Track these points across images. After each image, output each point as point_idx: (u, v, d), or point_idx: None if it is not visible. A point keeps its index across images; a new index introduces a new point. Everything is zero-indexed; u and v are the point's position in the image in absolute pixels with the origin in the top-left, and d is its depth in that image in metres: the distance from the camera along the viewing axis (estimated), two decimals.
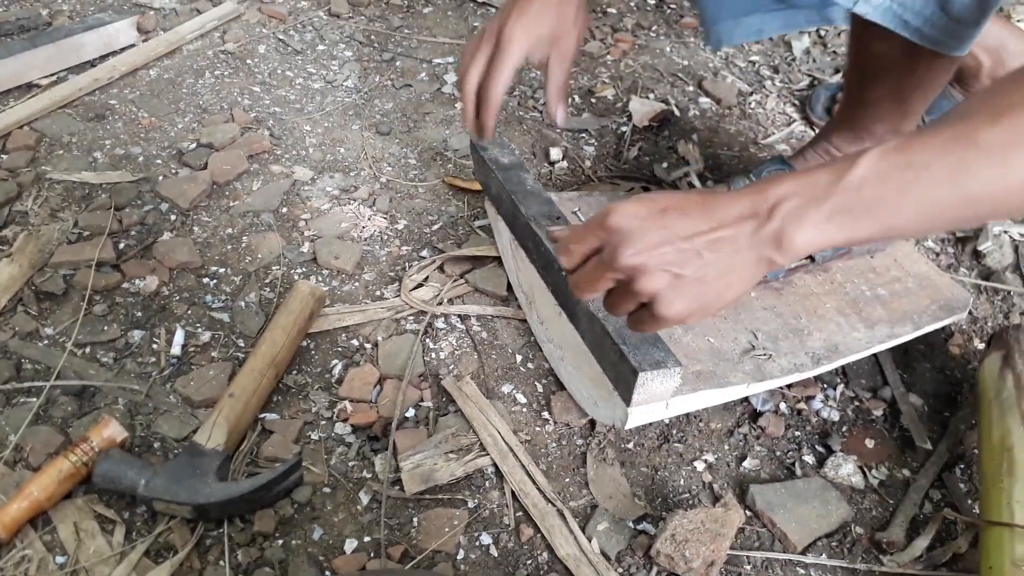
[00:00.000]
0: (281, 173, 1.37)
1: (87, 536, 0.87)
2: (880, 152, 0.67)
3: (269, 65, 1.63)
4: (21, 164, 1.32)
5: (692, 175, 1.44)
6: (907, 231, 0.73)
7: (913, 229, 0.71)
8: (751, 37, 1.25)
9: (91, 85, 1.49)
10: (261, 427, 1.00)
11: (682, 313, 0.72)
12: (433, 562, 0.89)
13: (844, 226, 0.68)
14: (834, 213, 0.67)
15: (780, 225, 0.68)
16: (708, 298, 0.72)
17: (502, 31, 0.97)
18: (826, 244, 0.69)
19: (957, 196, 0.66)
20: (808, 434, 1.06)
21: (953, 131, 0.66)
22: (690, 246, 0.70)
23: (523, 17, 0.97)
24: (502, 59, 0.97)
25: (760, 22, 1.22)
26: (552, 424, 1.04)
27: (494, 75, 0.98)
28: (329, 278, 1.20)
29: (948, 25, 0.91)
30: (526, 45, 0.98)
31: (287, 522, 0.91)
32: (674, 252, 0.70)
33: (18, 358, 1.04)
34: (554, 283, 1.04)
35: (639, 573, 0.89)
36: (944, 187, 0.66)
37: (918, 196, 0.66)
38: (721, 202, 0.71)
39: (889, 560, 0.93)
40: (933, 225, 0.72)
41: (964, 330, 1.22)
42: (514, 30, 0.96)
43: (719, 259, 0.70)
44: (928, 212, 0.67)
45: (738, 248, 0.70)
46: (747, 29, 1.23)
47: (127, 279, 1.16)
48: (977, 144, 0.65)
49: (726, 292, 0.72)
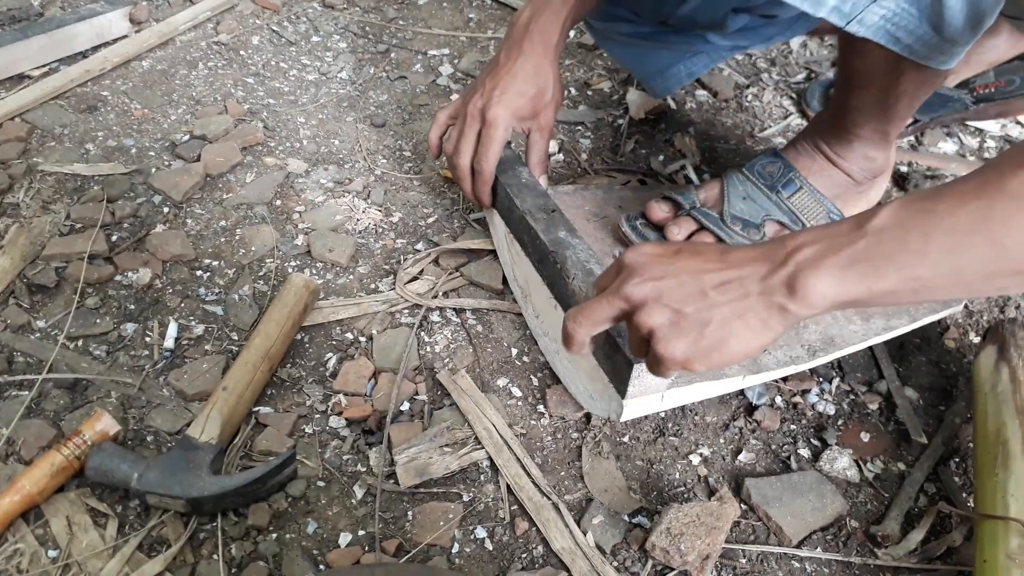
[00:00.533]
0: (275, 165, 1.37)
1: (80, 530, 0.87)
2: (903, 201, 0.65)
3: (263, 56, 1.62)
4: (12, 156, 1.31)
5: (688, 168, 1.44)
6: (935, 282, 0.66)
7: (942, 280, 0.65)
8: (685, 81, 1.34)
9: (83, 76, 1.48)
10: (255, 420, 0.99)
11: (682, 355, 0.70)
12: (428, 556, 0.89)
13: (864, 275, 0.64)
14: (853, 260, 0.64)
15: (794, 270, 0.66)
16: (711, 342, 0.69)
17: (486, 111, 1.07)
18: (845, 295, 0.65)
19: (986, 243, 0.62)
20: (803, 428, 1.06)
21: (980, 180, 0.63)
22: (695, 283, 0.69)
23: (505, 96, 1.07)
24: (490, 138, 1.08)
25: (685, 68, 1.32)
26: (547, 418, 1.04)
27: (485, 155, 1.10)
28: (323, 271, 1.20)
29: (939, 43, 0.91)
30: (510, 123, 1.08)
31: (281, 516, 0.91)
32: (677, 287, 0.69)
33: (10, 351, 1.04)
34: (549, 276, 1.03)
35: (634, 567, 0.89)
36: (971, 235, 0.62)
37: (943, 243, 0.63)
38: (737, 249, 0.71)
39: (884, 553, 0.93)
40: (962, 276, 0.65)
41: (960, 324, 1.22)
42: (498, 110, 1.07)
43: (726, 301, 0.68)
44: (955, 261, 0.63)
45: (747, 292, 0.68)
46: (677, 77, 1.32)
47: (120, 272, 1.15)
48: (1005, 192, 0.61)
49: (732, 341, 0.69)
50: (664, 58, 1.31)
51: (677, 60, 1.31)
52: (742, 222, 1.09)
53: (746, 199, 1.10)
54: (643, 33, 1.26)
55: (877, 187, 1.20)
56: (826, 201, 1.12)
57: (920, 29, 0.90)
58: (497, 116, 1.07)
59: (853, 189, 1.16)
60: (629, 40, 1.29)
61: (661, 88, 1.35)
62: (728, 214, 1.09)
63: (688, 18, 1.19)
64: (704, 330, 0.69)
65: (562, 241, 1.03)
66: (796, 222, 1.11)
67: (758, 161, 1.18)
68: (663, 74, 1.34)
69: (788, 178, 1.12)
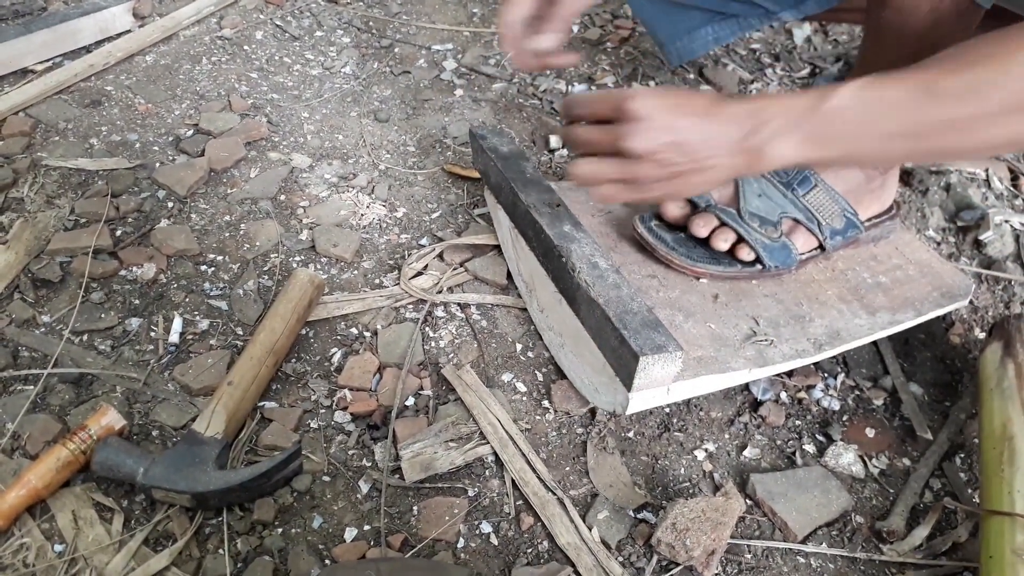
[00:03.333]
0: (279, 160, 1.36)
1: (86, 524, 0.87)
2: (856, 86, 0.78)
3: (266, 51, 1.62)
4: (16, 150, 1.31)
5: None
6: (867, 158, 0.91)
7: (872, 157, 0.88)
8: (708, 48, 1.32)
9: (87, 71, 1.48)
10: (260, 415, 0.99)
11: (657, 196, 0.85)
12: (433, 550, 0.89)
13: (817, 147, 0.79)
14: (809, 136, 0.79)
15: (762, 140, 0.80)
16: (682, 188, 0.84)
17: None
18: (799, 160, 0.81)
19: (911, 133, 0.77)
20: (809, 423, 1.06)
21: (920, 76, 0.76)
22: (687, 141, 0.80)
23: None
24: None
25: (713, 32, 1.30)
26: (552, 413, 1.04)
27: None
28: (328, 266, 1.20)
29: None
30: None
31: (286, 510, 0.91)
32: (673, 147, 0.80)
33: (15, 346, 1.04)
34: (554, 271, 1.03)
35: (640, 562, 0.89)
36: (902, 125, 0.77)
37: (879, 129, 0.78)
38: (723, 107, 0.81)
39: (889, 549, 0.93)
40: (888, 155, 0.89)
41: (965, 319, 1.22)
42: None
43: (707, 156, 0.81)
44: (885, 144, 0.79)
45: (722, 150, 0.81)
46: (704, 40, 1.30)
47: (124, 266, 1.15)
48: (936, 91, 0.75)
49: (699, 187, 0.85)
50: (693, 18, 1.27)
51: (706, 22, 1.27)
52: (759, 219, 1.09)
53: (761, 196, 1.10)
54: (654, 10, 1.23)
55: (889, 182, 1.19)
56: (840, 199, 1.11)
57: None
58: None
59: (865, 186, 1.15)
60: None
61: (683, 51, 1.31)
62: (745, 211, 1.09)
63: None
64: (680, 178, 0.83)
65: (567, 235, 1.02)
66: (812, 220, 1.10)
67: None
68: (690, 35, 1.30)
69: (803, 175, 1.12)
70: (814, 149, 0.80)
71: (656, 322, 0.90)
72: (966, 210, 1.37)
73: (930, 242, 1.33)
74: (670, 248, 1.08)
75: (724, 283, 1.10)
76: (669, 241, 1.09)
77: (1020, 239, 1.33)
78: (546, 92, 1.59)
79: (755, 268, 1.09)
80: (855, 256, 1.17)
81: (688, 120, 0.80)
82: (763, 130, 0.79)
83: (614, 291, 0.94)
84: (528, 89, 1.59)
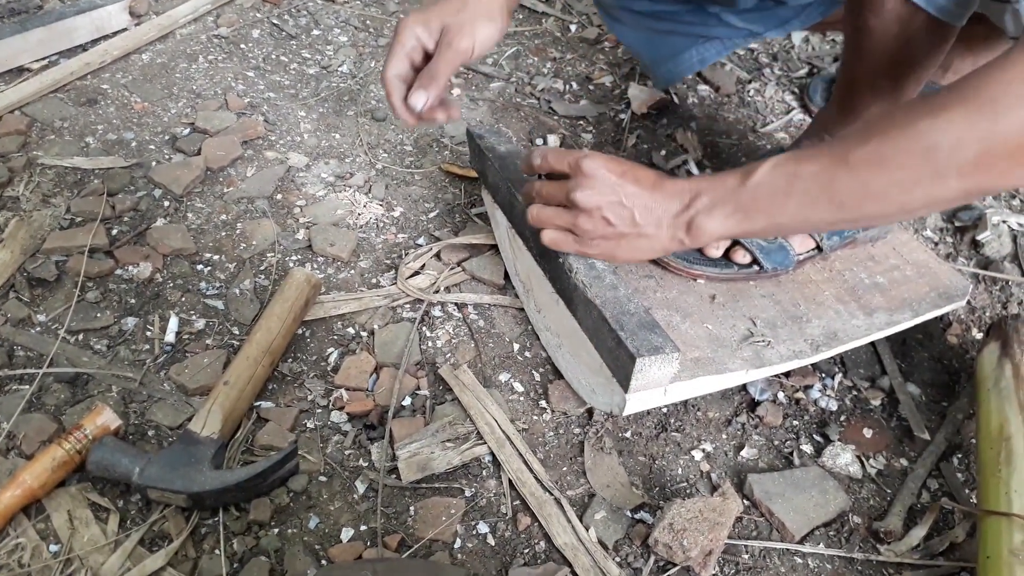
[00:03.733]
0: (276, 159, 1.36)
1: (81, 524, 0.86)
2: (776, 161, 0.83)
3: (263, 50, 1.62)
4: (12, 149, 1.30)
5: (690, 163, 1.43)
6: (791, 229, 0.96)
7: (794, 227, 0.92)
8: (694, 69, 1.34)
9: (83, 69, 1.47)
10: (256, 415, 0.99)
11: (597, 253, 0.93)
12: (430, 551, 0.89)
13: (741, 220, 0.85)
14: (735, 210, 0.85)
15: (693, 214, 0.87)
16: (620, 250, 0.91)
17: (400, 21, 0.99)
18: (727, 233, 0.88)
19: (830, 203, 0.81)
20: (806, 423, 1.06)
21: (835, 149, 0.80)
22: (629, 205, 0.88)
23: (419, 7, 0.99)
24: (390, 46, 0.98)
25: (698, 54, 1.32)
26: (549, 413, 1.03)
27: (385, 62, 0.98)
28: (324, 265, 1.19)
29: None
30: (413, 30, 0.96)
31: (283, 511, 0.90)
32: (615, 207, 0.88)
33: (10, 345, 1.03)
34: (551, 271, 1.03)
35: (637, 562, 0.89)
36: (819, 197, 0.81)
37: (798, 202, 0.82)
38: (664, 183, 0.89)
39: (886, 549, 0.93)
40: (809, 225, 0.92)
41: (962, 320, 1.22)
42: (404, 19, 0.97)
43: (643, 225, 0.89)
44: (805, 214, 0.83)
45: (660, 223, 0.89)
46: (689, 63, 1.33)
47: (120, 265, 1.15)
48: (847, 162, 0.79)
49: (633, 253, 0.92)
50: (677, 43, 1.28)
51: (690, 45, 1.29)
52: None
53: None
54: (656, 12, 1.24)
55: None
56: None
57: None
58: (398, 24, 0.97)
59: None
60: (641, 21, 1.26)
61: (670, 74, 1.33)
62: None
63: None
64: (620, 240, 0.91)
65: None
66: None
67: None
68: (675, 59, 1.32)
69: None
70: (740, 222, 0.86)
71: (653, 323, 0.90)
72: (963, 210, 1.38)
73: (928, 242, 1.33)
74: None
75: (721, 284, 1.10)
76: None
77: (1018, 239, 1.33)
78: (544, 91, 1.58)
79: (752, 270, 1.09)
80: (853, 256, 1.17)
81: (634, 188, 0.88)
82: (696, 204, 0.86)
83: (611, 292, 0.94)
84: (526, 88, 1.59)
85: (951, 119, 0.73)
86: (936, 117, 0.74)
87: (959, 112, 0.73)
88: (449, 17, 0.96)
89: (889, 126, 0.77)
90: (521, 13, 1.82)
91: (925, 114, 0.75)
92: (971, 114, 0.72)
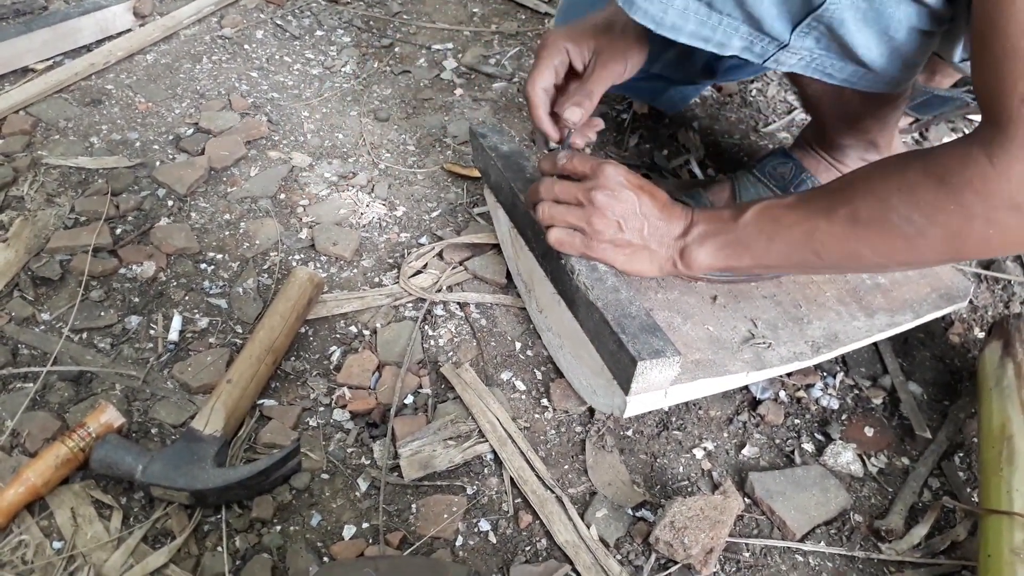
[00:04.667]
0: (279, 159, 1.37)
1: (84, 522, 0.87)
2: (764, 206, 0.89)
3: (267, 50, 1.62)
4: (17, 149, 1.31)
5: (692, 163, 1.44)
6: (775, 269, 0.98)
7: (779, 269, 0.96)
8: (679, 107, 1.43)
9: (87, 70, 1.48)
10: (259, 413, 0.99)
11: (600, 256, 0.94)
12: (432, 548, 0.89)
13: (730, 256, 0.91)
14: (724, 245, 0.90)
15: (688, 243, 0.92)
16: (622, 259, 0.93)
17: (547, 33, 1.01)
18: (716, 266, 0.92)
19: (810, 253, 0.86)
20: (807, 422, 1.06)
21: (818, 204, 0.85)
22: (642, 217, 0.91)
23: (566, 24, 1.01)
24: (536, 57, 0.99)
25: (678, 93, 1.39)
26: (551, 411, 1.04)
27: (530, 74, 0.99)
28: (327, 264, 1.20)
29: (875, 78, 0.88)
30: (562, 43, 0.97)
31: (285, 508, 0.91)
32: (630, 214, 0.91)
33: (14, 343, 1.04)
34: (553, 271, 1.03)
35: (638, 560, 0.89)
36: (800, 246, 0.86)
37: (781, 246, 0.87)
38: (674, 207, 0.93)
39: (888, 548, 0.93)
40: (794, 269, 0.98)
41: (964, 319, 1.22)
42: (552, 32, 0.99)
43: (648, 239, 0.92)
44: (788, 259, 0.88)
45: (662, 242, 0.93)
46: (671, 101, 1.40)
47: (124, 264, 1.15)
48: (828, 218, 0.83)
49: (635, 264, 0.94)
50: (655, 86, 1.32)
51: (668, 87, 1.33)
52: None
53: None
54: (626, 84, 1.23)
55: None
56: None
57: (847, 68, 0.86)
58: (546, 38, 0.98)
59: None
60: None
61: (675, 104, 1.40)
62: None
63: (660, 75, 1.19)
64: (625, 249, 0.93)
65: None
66: None
67: (768, 162, 1.18)
68: (656, 100, 1.38)
69: (800, 179, 1.12)
70: (728, 257, 0.91)
71: (654, 326, 0.90)
72: None
73: None
74: None
75: (723, 285, 1.10)
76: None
77: None
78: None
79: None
80: None
81: (649, 202, 0.92)
82: (692, 232, 0.92)
83: (613, 294, 0.93)
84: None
85: (919, 201, 0.77)
86: (907, 195, 0.78)
87: (927, 196, 0.77)
88: (603, 39, 0.97)
89: (866, 192, 0.81)
90: (523, 13, 1.83)
91: (897, 189, 0.79)
92: (938, 201, 0.76)
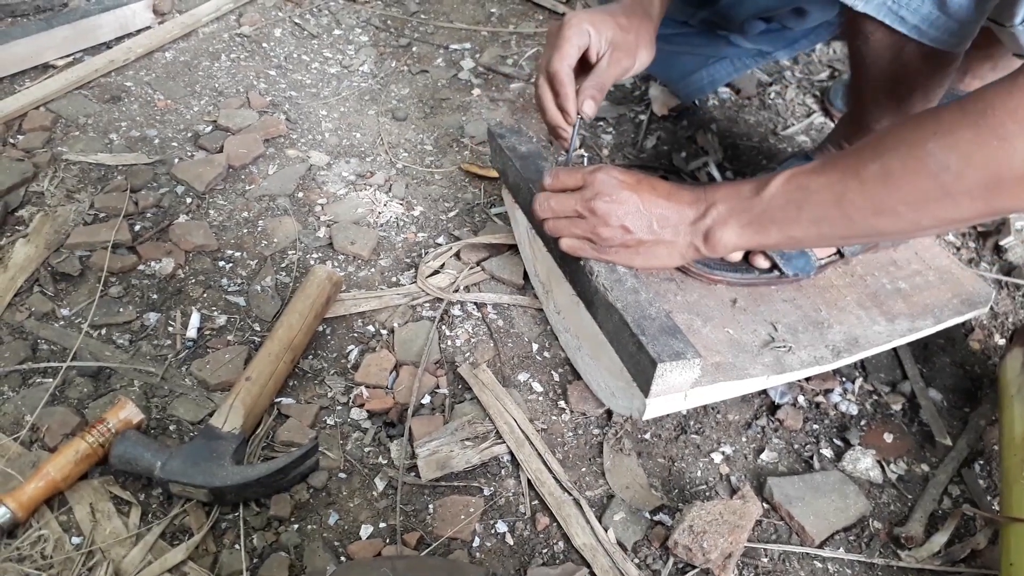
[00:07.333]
0: (297, 157, 1.37)
1: (103, 517, 0.87)
2: (789, 175, 0.83)
3: (285, 49, 1.63)
4: (37, 145, 1.32)
5: (711, 165, 1.43)
6: (804, 242, 0.91)
7: (808, 240, 0.89)
8: (707, 89, 1.39)
9: (107, 67, 1.49)
10: (277, 411, 0.99)
11: (614, 260, 0.93)
12: (449, 549, 0.89)
13: (756, 232, 0.86)
14: (750, 221, 0.85)
15: (711, 224, 0.87)
16: (639, 257, 0.92)
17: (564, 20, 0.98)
18: (742, 245, 0.88)
19: (841, 217, 0.81)
20: (826, 427, 1.05)
21: (846, 163, 0.80)
22: (646, 212, 0.89)
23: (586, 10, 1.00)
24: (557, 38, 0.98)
25: (708, 74, 1.36)
26: (568, 413, 1.03)
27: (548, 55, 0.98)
28: (345, 263, 1.20)
29: (945, 22, 0.89)
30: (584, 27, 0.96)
31: (303, 507, 0.91)
32: (634, 214, 0.89)
33: (34, 339, 1.04)
34: (571, 272, 1.03)
35: (656, 564, 0.89)
36: (830, 210, 0.81)
37: (810, 215, 0.82)
38: (680, 192, 0.90)
39: (907, 555, 0.92)
40: (823, 239, 0.89)
41: (985, 325, 1.21)
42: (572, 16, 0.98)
43: (660, 232, 0.89)
44: (818, 228, 0.83)
45: (677, 230, 0.89)
46: (699, 84, 1.37)
47: (143, 261, 1.15)
48: (858, 176, 0.79)
49: (653, 260, 0.92)
50: (687, 63, 1.30)
51: (700, 66, 1.31)
52: None
53: None
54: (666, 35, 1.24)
55: None
56: None
57: (924, 8, 0.88)
58: (570, 19, 0.97)
59: None
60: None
61: (686, 93, 1.36)
62: None
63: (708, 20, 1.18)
64: (639, 247, 0.91)
65: None
66: None
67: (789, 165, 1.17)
68: (685, 79, 1.34)
69: None
70: (755, 234, 0.86)
71: (674, 328, 0.90)
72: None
73: (950, 247, 1.32)
74: None
75: (742, 288, 1.09)
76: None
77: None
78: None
79: (772, 275, 1.09)
80: (874, 261, 1.16)
81: (651, 196, 0.89)
82: (712, 213, 0.87)
83: (632, 296, 0.93)
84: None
85: (958, 142, 0.73)
86: (944, 138, 0.74)
87: (966, 135, 0.72)
88: (619, 35, 0.98)
89: (899, 142, 0.77)
90: (541, 14, 1.82)
91: (933, 134, 0.75)
92: (977, 138, 0.72)
